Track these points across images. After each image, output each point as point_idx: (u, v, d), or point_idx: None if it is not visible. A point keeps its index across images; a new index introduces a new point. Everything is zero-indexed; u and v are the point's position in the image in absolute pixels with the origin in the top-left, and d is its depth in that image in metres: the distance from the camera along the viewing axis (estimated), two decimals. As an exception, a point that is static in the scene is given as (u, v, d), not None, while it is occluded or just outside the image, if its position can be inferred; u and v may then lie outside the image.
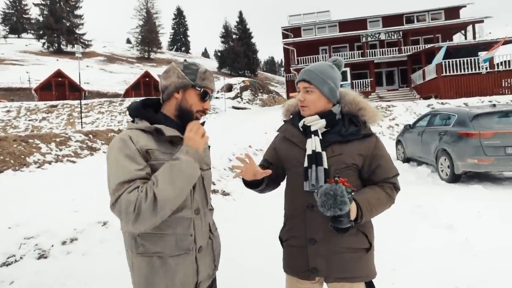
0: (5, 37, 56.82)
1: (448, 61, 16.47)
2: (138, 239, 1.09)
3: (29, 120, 17.04)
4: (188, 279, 1.12)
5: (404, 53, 21.38)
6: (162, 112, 1.19)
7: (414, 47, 21.63)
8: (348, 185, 1.05)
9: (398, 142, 8.08)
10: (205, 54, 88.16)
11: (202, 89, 1.17)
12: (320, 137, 1.25)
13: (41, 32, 51.33)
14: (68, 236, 3.11)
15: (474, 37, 21.22)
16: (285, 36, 25.16)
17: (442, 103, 13.83)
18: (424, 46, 20.75)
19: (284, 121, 1.45)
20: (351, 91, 1.37)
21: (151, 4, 60.86)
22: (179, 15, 73.27)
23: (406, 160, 7.54)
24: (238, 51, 54.85)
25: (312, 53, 22.84)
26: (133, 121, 1.17)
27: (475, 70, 16.40)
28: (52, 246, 2.96)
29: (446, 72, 16.59)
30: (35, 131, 14.97)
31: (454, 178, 5.48)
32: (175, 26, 74.31)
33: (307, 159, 1.23)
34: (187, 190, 1.04)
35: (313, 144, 1.24)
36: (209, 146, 1.37)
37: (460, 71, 16.54)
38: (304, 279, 1.28)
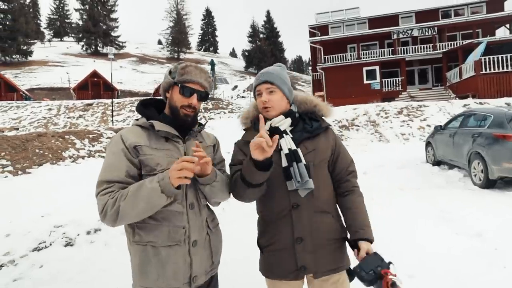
0: (49, 40, 61.35)
1: (488, 58, 15.32)
2: (136, 228, 1.16)
3: (68, 118, 18.27)
4: (179, 270, 1.15)
5: (439, 50, 20.20)
6: (164, 112, 1.28)
7: (450, 44, 20.38)
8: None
9: (428, 144, 7.66)
10: (232, 54, 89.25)
11: (180, 83, 1.21)
12: (291, 135, 1.29)
13: (80, 35, 54.83)
14: (92, 226, 3.30)
15: (520, 32, 19.56)
16: (312, 34, 24.80)
17: (480, 103, 12.90)
18: (462, 42, 19.46)
19: (244, 129, 1.44)
20: (299, 92, 1.46)
21: (181, 6, 62.63)
22: (208, 15, 74.76)
23: (437, 163, 7.13)
24: (265, 50, 54.88)
25: (339, 51, 22.29)
26: (138, 119, 1.27)
27: (520, 67, 15.12)
28: (78, 235, 3.17)
29: (485, 70, 15.45)
30: (72, 127, 16.02)
31: (488, 184, 5.09)
32: (204, 27, 75.93)
33: (285, 158, 1.25)
34: (148, 213, 1.08)
35: (287, 143, 1.26)
36: (214, 145, 1.38)
37: (502, 68, 15.33)
38: (293, 280, 1.28)
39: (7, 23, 42.04)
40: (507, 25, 21.26)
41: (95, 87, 29.81)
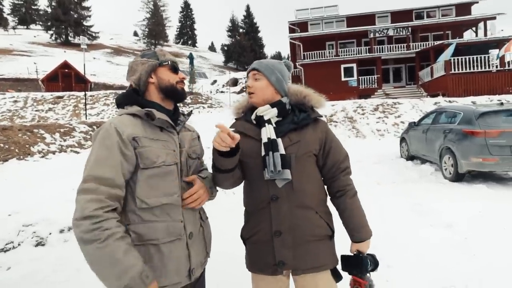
0: (14, 28, 57.28)
1: (457, 58, 16.15)
2: (130, 228, 1.05)
3: (36, 111, 17.22)
4: (181, 265, 1.12)
5: (413, 49, 21.02)
6: (153, 100, 1.20)
7: (423, 44, 21.25)
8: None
9: (402, 139, 7.97)
10: (211, 48, 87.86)
11: (169, 61, 1.22)
12: (274, 125, 1.28)
13: (49, 24, 51.61)
14: (66, 224, 3.13)
15: (485, 34, 20.75)
16: (291, 30, 24.91)
17: (450, 101, 13.61)
18: (433, 43, 20.36)
19: (235, 119, 1.47)
20: (294, 85, 1.44)
21: (158, -3, 60.63)
22: (186, 8, 72.97)
23: (410, 158, 7.44)
24: (244, 45, 54.57)
25: (318, 48, 22.59)
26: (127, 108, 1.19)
27: (485, 68, 16.08)
28: (50, 234, 2.99)
29: (455, 70, 16.29)
30: (41, 121, 15.13)
31: (458, 177, 5.39)
32: (182, 19, 74.07)
33: (263, 147, 1.24)
34: (100, 274, 0.94)
35: (268, 132, 1.26)
36: (198, 136, 1.37)
37: (470, 68, 16.23)
38: (272, 275, 1.27)
39: (-35, 7, 38.73)
40: (473, 28, 22.50)
41: (66, 79, 28.24)
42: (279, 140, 1.23)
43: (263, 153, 1.23)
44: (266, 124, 1.27)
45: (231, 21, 61.70)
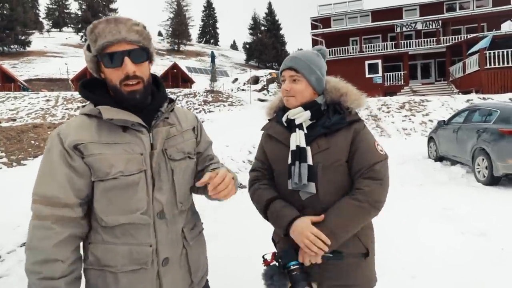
0: (48, 31, 60.69)
1: (493, 52, 15.04)
2: (89, 247, 0.90)
3: (66, 109, 18.09)
4: None
5: (443, 44, 19.88)
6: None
7: (455, 37, 20.04)
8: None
9: (431, 139, 7.52)
10: (233, 46, 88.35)
11: (99, 53, 0.86)
12: (305, 131, 1.14)
13: (79, 26, 54.15)
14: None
15: (526, 26, 19.22)
16: (314, 27, 24.41)
17: (484, 98, 12.71)
18: (466, 36, 19.13)
19: (268, 119, 1.35)
20: (332, 78, 1.27)
21: (181, -3, 61.74)
22: (209, 7, 73.76)
23: (439, 159, 7.00)
24: (266, 43, 54.26)
25: (341, 45, 21.96)
26: (84, 105, 0.95)
27: (525, 62, 14.87)
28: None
29: (490, 64, 15.20)
30: (71, 119, 15.87)
31: (493, 181, 4.97)
32: (205, 18, 74.98)
33: (290, 155, 1.12)
34: None
35: (297, 138, 1.12)
36: (193, 127, 1.08)
37: (508, 63, 15.08)
38: None
39: (5, 12, 41.47)
40: (513, 19, 20.90)
41: (94, 79, 29.50)
42: (308, 149, 1.11)
43: (289, 161, 1.12)
44: (297, 129, 1.14)
45: (253, 18, 61.60)
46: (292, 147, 1.12)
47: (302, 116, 1.15)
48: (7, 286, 2.48)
